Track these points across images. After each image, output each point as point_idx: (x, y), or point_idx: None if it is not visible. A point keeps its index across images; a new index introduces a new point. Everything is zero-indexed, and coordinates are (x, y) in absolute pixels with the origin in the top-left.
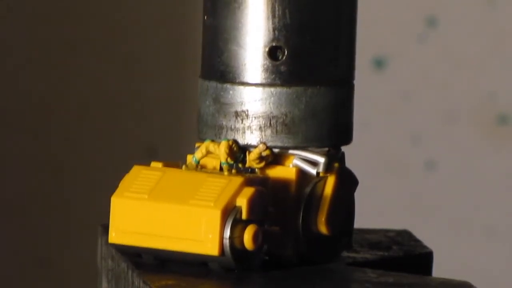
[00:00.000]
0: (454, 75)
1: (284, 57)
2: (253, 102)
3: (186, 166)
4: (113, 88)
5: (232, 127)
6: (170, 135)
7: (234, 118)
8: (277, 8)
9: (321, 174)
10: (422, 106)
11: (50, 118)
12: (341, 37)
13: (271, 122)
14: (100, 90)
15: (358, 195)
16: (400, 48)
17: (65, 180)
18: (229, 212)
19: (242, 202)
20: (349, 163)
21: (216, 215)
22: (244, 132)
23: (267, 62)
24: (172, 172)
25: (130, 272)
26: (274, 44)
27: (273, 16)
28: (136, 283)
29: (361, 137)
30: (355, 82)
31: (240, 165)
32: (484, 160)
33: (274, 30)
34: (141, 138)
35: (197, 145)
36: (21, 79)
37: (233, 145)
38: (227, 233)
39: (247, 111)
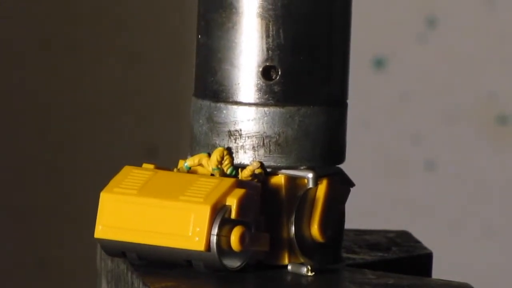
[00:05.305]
0: (454, 75)
1: (277, 77)
2: (247, 121)
3: (178, 170)
4: (113, 88)
5: (225, 146)
6: (170, 135)
7: (227, 137)
8: (271, 28)
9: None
10: (422, 106)
11: (50, 118)
12: (335, 57)
13: (264, 142)
14: (100, 90)
15: (358, 195)
16: (400, 48)
17: (65, 180)
18: (219, 209)
19: (232, 201)
20: (349, 163)
21: (205, 210)
22: (237, 152)
23: (261, 81)
24: (163, 172)
25: (129, 273)
26: (267, 64)
27: (267, 36)
28: (136, 284)
29: (361, 137)
30: (355, 81)
31: None
32: (484, 160)
33: (267, 50)
34: (141, 138)
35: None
36: (21, 79)
37: (226, 155)
38: (215, 230)
39: (240, 130)
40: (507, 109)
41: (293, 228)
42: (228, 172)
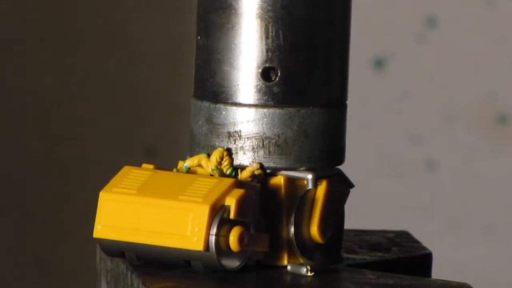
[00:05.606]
0: (454, 75)
1: (277, 78)
2: (246, 122)
3: (177, 170)
4: (113, 88)
5: (225, 147)
6: (170, 135)
7: (227, 138)
8: (270, 29)
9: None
10: (422, 106)
11: (50, 118)
12: (334, 58)
13: (264, 143)
14: (100, 90)
15: (358, 195)
16: (400, 48)
17: (65, 180)
18: (217, 209)
19: (231, 201)
20: (349, 163)
21: (204, 210)
22: (236, 153)
23: (260, 83)
24: (163, 172)
25: (129, 273)
26: (267, 65)
27: (267, 37)
28: (135, 284)
29: (361, 137)
30: (355, 81)
31: None
32: (484, 160)
33: (267, 51)
34: (141, 139)
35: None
36: (21, 79)
37: (226, 155)
38: (214, 230)
39: (240, 131)
40: (507, 109)
41: (292, 229)
42: (228, 173)
